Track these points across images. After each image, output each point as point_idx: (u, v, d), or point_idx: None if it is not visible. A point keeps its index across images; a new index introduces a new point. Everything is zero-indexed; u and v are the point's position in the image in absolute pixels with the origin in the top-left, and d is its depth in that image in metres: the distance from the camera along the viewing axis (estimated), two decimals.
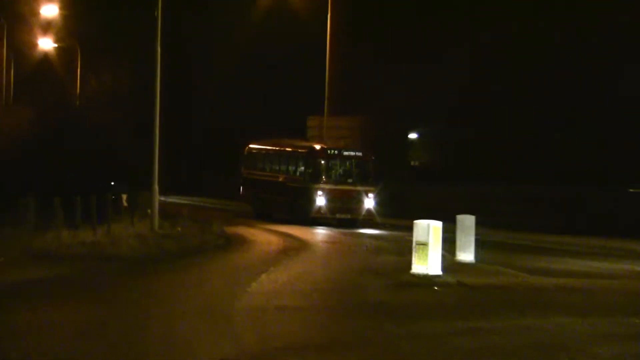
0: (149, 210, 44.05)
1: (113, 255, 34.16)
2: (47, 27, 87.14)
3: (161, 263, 33.52)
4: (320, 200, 47.22)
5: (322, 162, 49.24)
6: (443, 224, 30.05)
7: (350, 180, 49.13)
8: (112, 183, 53.76)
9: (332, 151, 49.84)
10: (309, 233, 47.17)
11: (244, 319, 21.02)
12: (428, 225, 28.58)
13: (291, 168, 51.77)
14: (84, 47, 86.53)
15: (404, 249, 29.74)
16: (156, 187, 43.64)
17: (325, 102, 67.77)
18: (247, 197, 58.02)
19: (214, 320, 20.97)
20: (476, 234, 35.95)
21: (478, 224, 37.74)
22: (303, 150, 51.08)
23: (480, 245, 36.59)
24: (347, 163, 50.04)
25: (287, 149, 53.79)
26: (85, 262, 31.90)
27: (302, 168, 50.02)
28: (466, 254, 32.52)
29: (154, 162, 43.34)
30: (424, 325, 20.77)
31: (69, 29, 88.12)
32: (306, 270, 31.94)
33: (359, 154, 50.52)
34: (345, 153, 50.24)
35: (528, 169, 65.57)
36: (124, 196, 47.76)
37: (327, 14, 67.48)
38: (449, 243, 32.37)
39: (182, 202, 73.21)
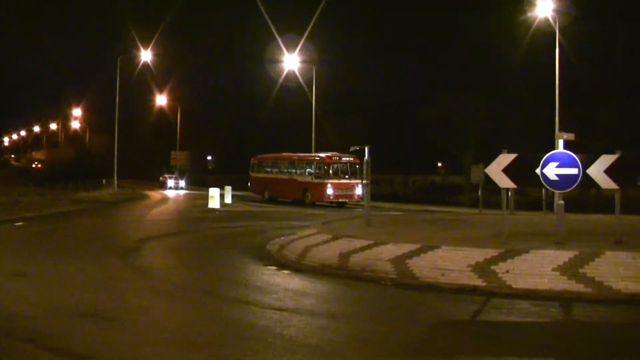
0: (114, 184, 38.75)
1: (101, 200, 30.50)
2: (76, 117, 77.22)
3: (118, 204, 29.36)
4: (329, 190, 27.60)
5: (328, 165, 28.04)
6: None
7: (346, 176, 28.04)
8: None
9: (335, 158, 28.60)
10: (174, 194, 41.33)
11: (148, 224, 18.23)
12: (216, 189, 25.95)
13: (301, 170, 29.53)
14: (91, 126, 76.98)
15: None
16: (115, 177, 37.81)
17: (177, 145, 55.41)
18: (256, 189, 33.18)
19: (137, 224, 18.06)
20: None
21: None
22: (316, 158, 29.20)
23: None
24: (344, 165, 28.27)
25: (295, 158, 30.82)
26: (90, 203, 28.04)
27: (312, 169, 28.64)
28: (228, 200, 28.95)
29: (114, 168, 37.55)
30: (213, 224, 18.11)
31: (86, 118, 77.24)
32: (169, 206, 28.22)
33: (351, 159, 28.28)
34: (343, 159, 28.53)
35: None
36: (104, 180, 42.02)
37: (178, 114, 57.50)
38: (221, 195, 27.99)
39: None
